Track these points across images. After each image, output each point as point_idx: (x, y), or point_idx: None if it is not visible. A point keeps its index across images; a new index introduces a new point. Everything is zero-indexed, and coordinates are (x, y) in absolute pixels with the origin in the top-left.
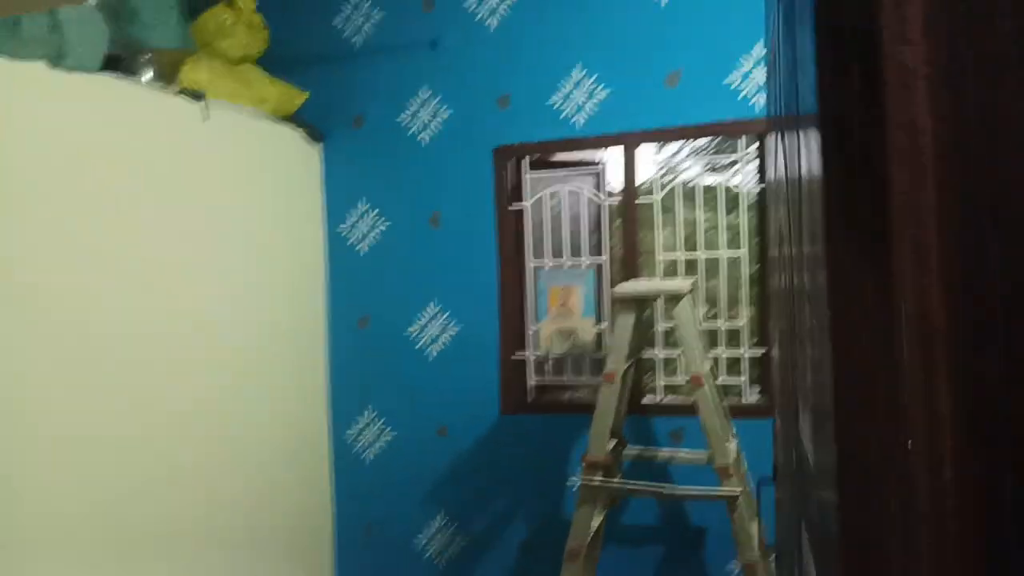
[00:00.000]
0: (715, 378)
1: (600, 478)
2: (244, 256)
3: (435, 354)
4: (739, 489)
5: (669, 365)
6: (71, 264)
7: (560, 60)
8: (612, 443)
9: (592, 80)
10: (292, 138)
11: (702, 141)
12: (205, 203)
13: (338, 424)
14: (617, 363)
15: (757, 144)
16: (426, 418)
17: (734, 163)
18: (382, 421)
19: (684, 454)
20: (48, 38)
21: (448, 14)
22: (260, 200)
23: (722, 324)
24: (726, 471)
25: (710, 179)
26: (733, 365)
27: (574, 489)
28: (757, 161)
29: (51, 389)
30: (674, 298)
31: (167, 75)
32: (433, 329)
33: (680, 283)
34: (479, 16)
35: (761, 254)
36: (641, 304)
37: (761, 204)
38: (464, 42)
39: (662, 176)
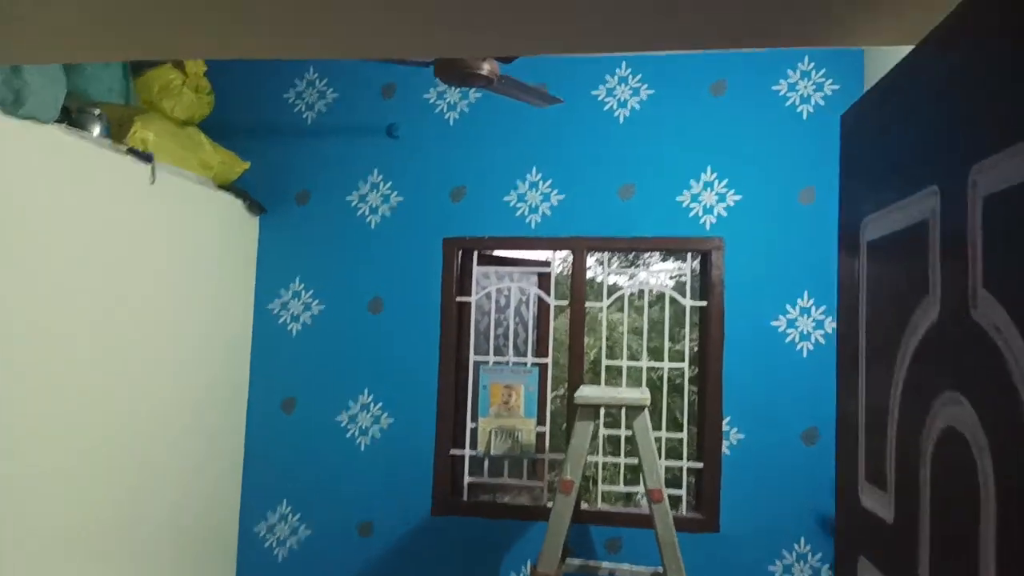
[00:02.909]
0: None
1: None
2: (172, 323)
3: (364, 446)
4: None
5: (605, 470)
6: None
7: (518, 161)
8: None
9: (548, 184)
10: (232, 208)
11: (651, 254)
12: (141, 265)
13: (248, 516)
14: (575, 472)
15: (701, 260)
16: (349, 514)
17: (680, 277)
18: (298, 516)
19: (626, 569)
20: (9, 81)
21: (408, 104)
22: (194, 268)
23: (663, 435)
24: None
25: (656, 291)
26: (672, 479)
27: None
28: (702, 277)
29: None
30: (636, 409)
31: (114, 133)
32: (364, 419)
33: (640, 394)
34: (439, 109)
35: (701, 367)
36: (597, 411)
37: (704, 318)
38: (422, 132)
39: (610, 283)
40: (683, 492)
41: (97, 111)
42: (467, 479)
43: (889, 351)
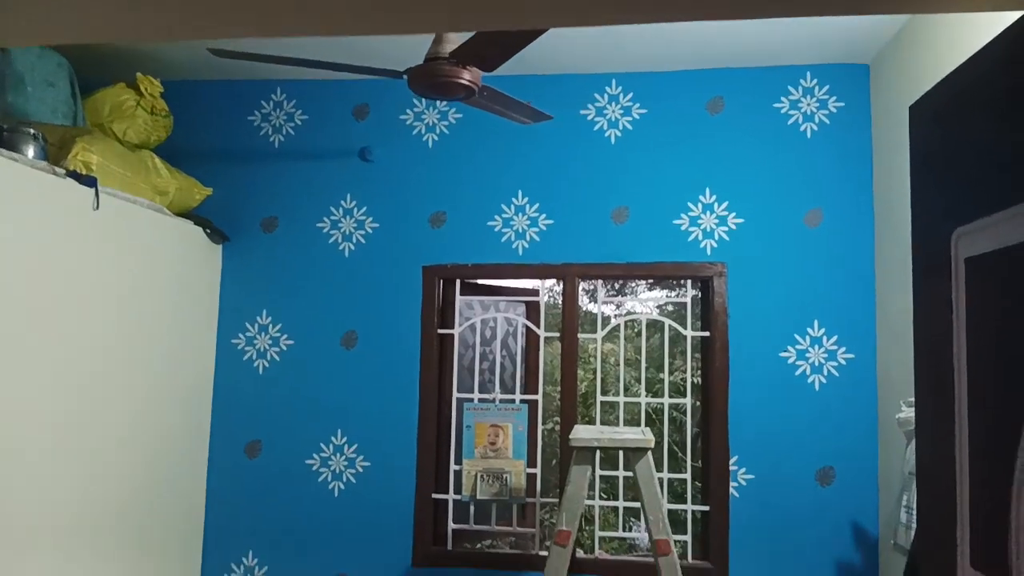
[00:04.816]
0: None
1: None
2: (124, 360)
3: (338, 491)
4: None
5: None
6: None
7: (501, 184)
8: None
9: (535, 208)
10: (191, 236)
11: (648, 281)
12: (87, 298)
13: (211, 568)
14: (572, 522)
15: (702, 287)
16: (322, 566)
17: (680, 305)
18: (265, 569)
19: None
20: None
21: (382, 126)
22: (148, 301)
23: (664, 476)
24: None
25: (654, 320)
26: (674, 521)
27: None
28: (703, 305)
29: None
30: (638, 451)
31: (53, 154)
32: (338, 463)
33: (642, 435)
34: (416, 130)
35: (704, 402)
36: (594, 454)
37: (706, 349)
38: (398, 155)
39: (604, 308)
40: (688, 538)
41: (32, 131)
42: (451, 526)
43: (1011, 399)
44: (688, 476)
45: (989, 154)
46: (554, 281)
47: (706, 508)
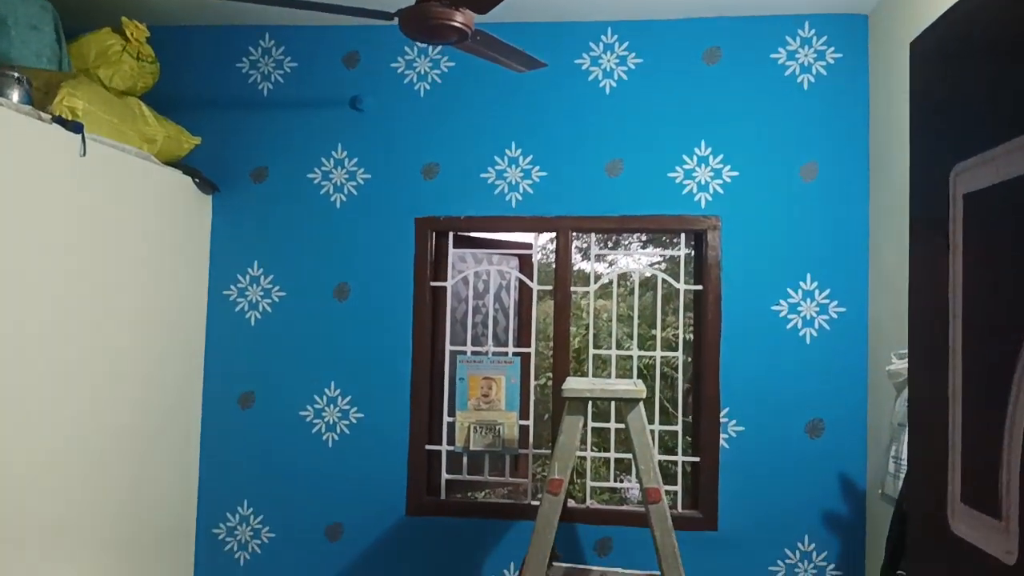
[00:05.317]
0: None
1: None
2: (113, 312)
3: (332, 442)
4: None
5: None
6: None
7: (496, 135)
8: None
9: (528, 160)
10: (180, 186)
11: (641, 240)
12: (77, 247)
13: (206, 517)
14: (564, 471)
15: (695, 241)
16: (316, 515)
17: (674, 259)
18: (260, 518)
19: (619, 573)
20: None
21: (373, 74)
22: (137, 251)
23: (656, 428)
24: None
25: (647, 273)
26: (665, 473)
27: None
28: (696, 259)
29: None
30: (630, 402)
31: (38, 100)
32: (331, 414)
33: (634, 386)
34: (408, 79)
35: (696, 355)
36: (586, 405)
37: (699, 303)
38: (390, 105)
39: (597, 266)
40: (678, 488)
41: (16, 74)
42: (444, 476)
43: (1007, 332)
44: (679, 429)
45: (991, 88)
46: (547, 239)
47: (696, 460)
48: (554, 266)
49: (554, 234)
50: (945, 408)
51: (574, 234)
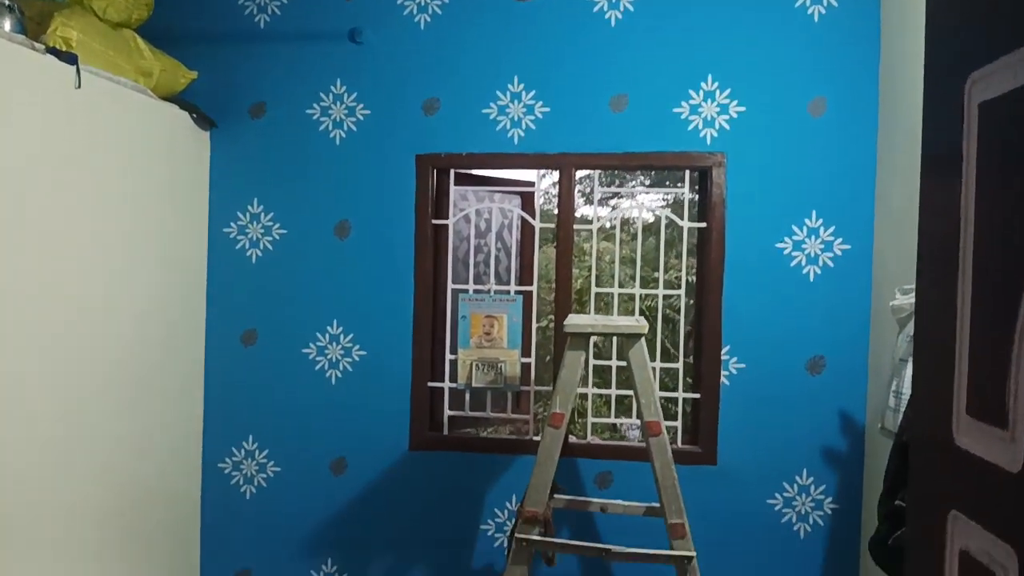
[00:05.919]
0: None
1: (539, 534)
2: (113, 248)
3: (335, 379)
4: (693, 551)
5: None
6: None
7: (497, 69)
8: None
9: (531, 95)
10: (177, 121)
11: (646, 171)
12: (75, 182)
13: (212, 451)
14: (565, 405)
15: (700, 179)
16: (320, 450)
17: (678, 196)
18: (265, 453)
19: (619, 505)
20: None
21: (372, 5)
22: (135, 187)
23: (657, 365)
24: (679, 530)
25: (650, 218)
26: (666, 413)
27: (498, 543)
28: (701, 196)
29: None
30: (631, 338)
31: (32, 30)
32: (334, 351)
33: (636, 322)
34: (408, 10)
35: (699, 292)
36: (588, 341)
37: (702, 241)
38: (389, 38)
39: (600, 210)
40: (678, 423)
41: (8, 2)
42: (447, 412)
43: (1019, 241)
44: (680, 367)
45: None
46: (550, 183)
47: (697, 396)
48: (556, 210)
49: (556, 177)
50: (953, 318)
51: (577, 175)
